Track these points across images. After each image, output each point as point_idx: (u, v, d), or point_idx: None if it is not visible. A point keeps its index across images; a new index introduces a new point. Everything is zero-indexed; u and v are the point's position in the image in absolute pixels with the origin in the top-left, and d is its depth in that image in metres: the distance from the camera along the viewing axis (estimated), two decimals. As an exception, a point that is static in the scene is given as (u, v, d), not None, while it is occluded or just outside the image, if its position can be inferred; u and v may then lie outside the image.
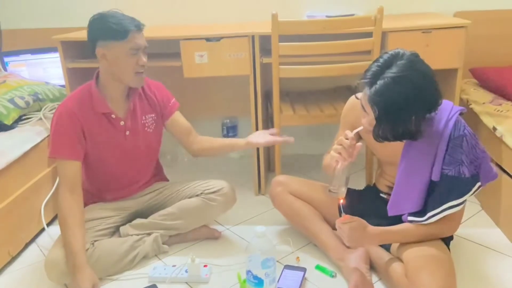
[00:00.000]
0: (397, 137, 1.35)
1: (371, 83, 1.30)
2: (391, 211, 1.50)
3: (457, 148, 1.38)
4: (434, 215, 1.41)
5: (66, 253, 1.53)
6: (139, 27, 1.59)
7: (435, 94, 1.32)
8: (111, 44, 1.57)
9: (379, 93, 1.28)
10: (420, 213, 1.44)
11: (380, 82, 1.28)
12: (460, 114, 1.43)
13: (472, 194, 1.41)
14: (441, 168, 1.39)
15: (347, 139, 1.42)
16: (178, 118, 1.85)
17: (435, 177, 1.40)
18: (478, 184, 1.41)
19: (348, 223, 1.40)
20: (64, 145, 1.61)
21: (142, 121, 1.75)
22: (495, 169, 1.48)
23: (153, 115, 1.78)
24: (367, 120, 1.37)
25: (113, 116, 1.67)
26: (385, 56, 1.32)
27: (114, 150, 1.71)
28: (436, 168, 1.40)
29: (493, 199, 1.89)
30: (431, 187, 1.42)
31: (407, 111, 1.29)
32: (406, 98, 1.27)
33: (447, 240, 1.53)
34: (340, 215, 1.43)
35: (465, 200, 1.40)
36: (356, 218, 1.42)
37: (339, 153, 1.42)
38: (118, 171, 1.75)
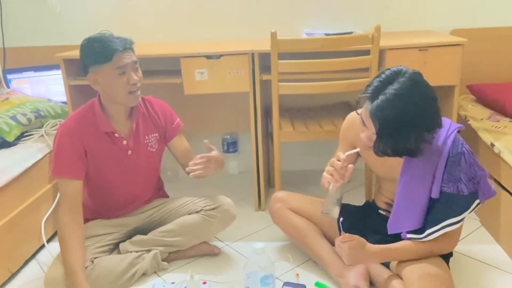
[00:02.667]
0: (396, 153, 1.36)
1: (373, 97, 1.32)
2: (391, 230, 1.50)
3: (455, 165, 1.39)
4: (433, 233, 1.41)
5: (66, 271, 1.53)
6: (125, 46, 1.58)
7: (435, 114, 1.33)
8: (99, 68, 1.58)
9: (380, 108, 1.29)
10: (419, 230, 1.44)
11: (381, 98, 1.30)
12: (458, 131, 1.45)
13: (470, 212, 1.41)
14: (440, 185, 1.40)
15: (339, 160, 1.43)
16: (180, 140, 1.87)
17: (435, 194, 1.41)
18: (477, 201, 1.42)
19: (348, 242, 1.40)
20: (65, 164, 1.63)
21: (145, 141, 1.76)
22: (494, 186, 1.49)
23: (156, 135, 1.79)
24: (366, 134, 1.39)
25: (116, 135, 1.68)
26: (387, 72, 1.34)
27: (116, 168, 1.72)
28: (435, 185, 1.41)
29: (492, 215, 1.89)
30: (430, 204, 1.43)
31: (407, 128, 1.30)
32: (407, 115, 1.29)
33: (446, 257, 1.53)
34: (340, 234, 1.43)
35: (463, 218, 1.41)
36: (355, 236, 1.42)
37: (331, 175, 1.44)
38: (119, 189, 1.76)
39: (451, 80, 2.00)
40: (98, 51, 1.56)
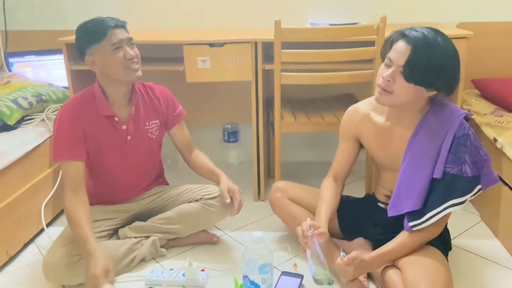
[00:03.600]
0: (427, 79, 1.36)
1: (409, 30, 1.37)
2: (391, 211, 1.50)
3: (460, 146, 1.39)
4: (435, 215, 1.41)
5: (79, 246, 1.54)
6: (116, 23, 1.58)
7: (458, 68, 1.38)
8: (95, 48, 1.57)
9: (418, 34, 1.35)
10: (419, 215, 1.43)
11: (420, 30, 1.36)
12: (466, 119, 1.45)
13: (472, 196, 1.42)
14: (444, 166, 1.40)
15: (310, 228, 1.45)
16: (181, 129, 1.86)
17: (438, 174, 1.41)
18: (479, 187, 1.42)
19: (352, 263, 1.40)
20: (65, 147, 1.62)
21: (146, 127, 1.75)
22: (496, 173, 1.49)
23: (157, 121, 1.78)
24: (389, 73, 1.38)
25: (116, 119, 1.67)
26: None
27: (115, 153, 1.71)
28: (438, 165, 1.42)
29: (492, 210, 1.89)
30: (432, 186, 1.43)
31: (438, 59, 1.33)
32: (440, 49, 1.34)
33: (445, 251, 1.53)
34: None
35: (466, 200, 1.41)
36: (355, 254, 1.42)
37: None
38: (118, 175, 1.75)
39: (456, 73, 1.98)
40: (91, 30, 1.56)
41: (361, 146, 1.68)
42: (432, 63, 1.33)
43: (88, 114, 1.64)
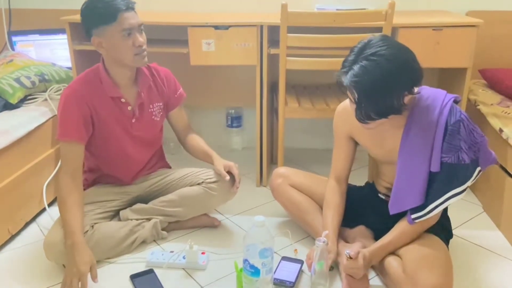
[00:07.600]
0: (380, 114, 1.33)
1: (348, 70, 1.32)
2: (393, 210, 1.48)
3: (455, 134, 1.36)
4: (437, 207, 1.40)
5: (65, 233, 1.53)
6: (128, 5, 1.53)
7: (414, 66, 1.31)
8: (104, 30, 1.53)
9: (356, 75, 1.29)
10: (421, 207, 1.42)
11: (355, 67, 1.30)
12: (455, 102, 1.42)
13: (473, 180, 1.40)
14: (440, 156, 1.37)
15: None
16: (180, 112, 1.86)
17: (435, 167, 1.38)
18: (478, 169, 1.39)
19: (359, 257, 1.39)
20: (71, 127, 1.60)
21: (150, 109, 1.74)
22: (494, 153, 1.46)
23: (160, 104, 1.77)
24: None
25: (122, 100, 1.66)
26: (358, 45, 1.34)
27: (119, 134, 1.70)
28: (434, 158, 1.38)
29: (495, 201, 1.88)
30: (431, 178, 1.41)
31: (384, 87, 1.28)
32: (383, 74, 1.27)
33: (446, 238, 1.53)
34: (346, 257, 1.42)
35: (467, 188, 1.39)
36: (356, 248, 1.42)
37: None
38: (122, 156, 1.74)
39: (464, 62, 1.95)
40: (101, 12, 1.51)
41: (355, 142, 1.65)
42: (382, 93, 1.29)
43: (94, 95, 1.62)
